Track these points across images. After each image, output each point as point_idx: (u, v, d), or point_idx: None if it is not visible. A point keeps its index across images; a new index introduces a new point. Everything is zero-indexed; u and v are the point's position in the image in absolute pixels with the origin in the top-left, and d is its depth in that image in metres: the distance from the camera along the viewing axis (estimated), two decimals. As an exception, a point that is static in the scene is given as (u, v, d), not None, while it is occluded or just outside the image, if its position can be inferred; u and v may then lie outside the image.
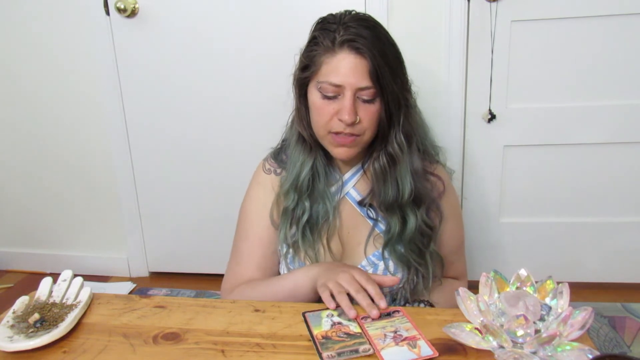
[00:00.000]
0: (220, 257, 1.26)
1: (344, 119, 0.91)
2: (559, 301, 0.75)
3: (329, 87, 0.92)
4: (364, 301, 0.82)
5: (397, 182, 0.98)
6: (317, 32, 0.95)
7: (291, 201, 1.01)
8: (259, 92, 1.72)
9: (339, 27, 0.92)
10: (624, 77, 1.58)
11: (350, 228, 1.04)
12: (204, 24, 1.70)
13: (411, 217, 0.99)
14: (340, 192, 1.04)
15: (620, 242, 1.75)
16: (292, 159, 1.03)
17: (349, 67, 0.90)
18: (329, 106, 0.93)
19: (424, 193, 1.01)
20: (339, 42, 0.91)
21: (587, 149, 1.67)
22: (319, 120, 0.95)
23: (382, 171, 0.99)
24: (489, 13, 1.55)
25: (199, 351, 0.77)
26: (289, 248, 1.03)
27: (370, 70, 0.90)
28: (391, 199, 0.99)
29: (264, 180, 1.08)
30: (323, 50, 0.92)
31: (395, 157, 0.98)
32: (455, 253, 1.13)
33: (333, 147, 0.97)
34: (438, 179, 1.05)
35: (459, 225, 1.13)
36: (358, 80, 0.91)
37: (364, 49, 0.90)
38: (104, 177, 1.95)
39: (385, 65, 0.91)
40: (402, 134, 0.97)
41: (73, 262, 1.98)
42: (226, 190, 1.82)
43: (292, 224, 1.02)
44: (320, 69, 0.93)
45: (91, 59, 1.79)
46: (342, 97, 0.92)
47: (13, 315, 0.84)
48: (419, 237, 1.00)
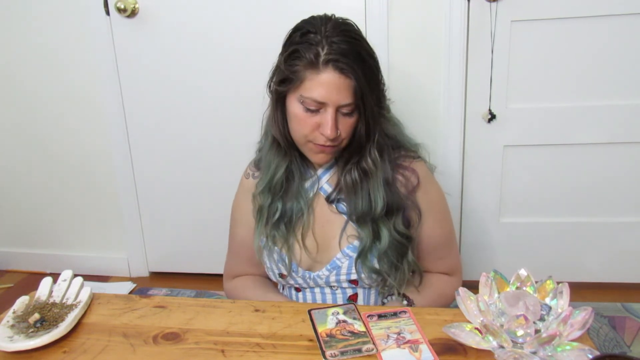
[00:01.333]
0: (220, 257, 1.27)
1: (326, 134, 0.94)
2: (559, 301, 0.75)
3: (312, 103, 0.94)
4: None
5: (369, 195, 1.01)
6: (299, 46, 0.94)
7: (264, 200, 1.05)
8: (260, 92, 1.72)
9: (322, 40, 0.92)
10: (624, 77, 1.58)
11: (324, 222, 1.06)
12: (204, 24, 1.70)
13: (384, 231, 1.00)
14: (315, 187, 1.07)
15: (620, 242, 1.75)
16: (266, 160, 1.06)
17: (333, 86, 0.92)
18: (311, 119, 0.95)
19: (396, 201, 1.02)
20: (323, 60, 0.91)
21: (587, 149, 1.67)
22: (299, 131, 0.98)
23: (353, 184, 1.01)
24: (489, 13, 1.55)
25: (199, 351, 0.77)
26: (265, 243, 1.07)
27: (354, 89, 0.93)
28: (362, 211, 1.01)
29: (245, 185, 1.14)
30: (306, 65, 0.93)
31: (368, 171, 1.01)
32: (444, 248, 1.12)
33: (313, 153, 1.00)
34: (412, 173, 1.04)
35: (442, 219, 1.12)
36: (341, 98, 0.93)
37: (348, 70, 0.91)
38: (104, 177, 1.95)
39: (366, 83, 0.94)
40: (375, 150, 1.00)
41: (73, 262, 1.98)
42: (226, 191, 1.80)
43: (267, 222, 1.06)
44: (303, 84, 0.94)
45: (91, 59, 1.79)
46: (324, 112, 0.94)
47: (13, 315, 0.84)
48: (394, 249, 1.01)
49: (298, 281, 1.08)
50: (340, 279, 1.05)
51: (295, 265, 1.06)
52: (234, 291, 1.18)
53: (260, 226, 1.07)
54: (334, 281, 1.05)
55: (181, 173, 1.88)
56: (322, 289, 1.08)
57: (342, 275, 1.04)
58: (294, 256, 1.05)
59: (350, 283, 1.05)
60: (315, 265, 1.06)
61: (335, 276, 1.04)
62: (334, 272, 1.04)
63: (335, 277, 1.04)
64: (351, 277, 1.04)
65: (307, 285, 1.08)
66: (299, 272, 1.06)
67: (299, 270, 1.06)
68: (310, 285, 1.08)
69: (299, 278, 1.07)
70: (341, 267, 1.03)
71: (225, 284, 1.22)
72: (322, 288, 1.08)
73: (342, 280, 1.05)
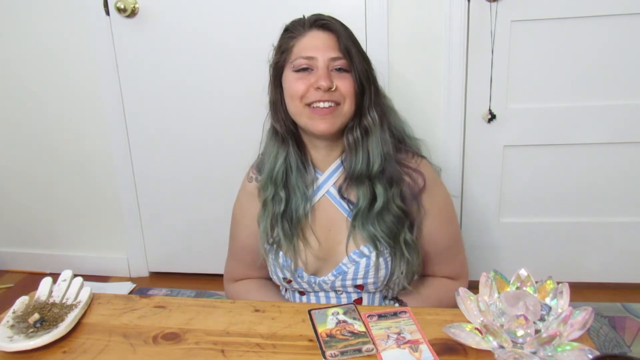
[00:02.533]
0: (220, 257, 1.27)
1: (320, 85, 0.96)
2: (559, 301, 0.75)
3: (302, 61, 0.99)
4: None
5: (368, 153, 1.02)
6: (288, 25, 1.06)
7: (269, 192, 1.06)
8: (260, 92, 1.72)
9: (308, 19, 1.03)
10: (624, 77, 1.58)
11: (331, 227, 1.06)
12: (204, 24, 1.70)
13: (381, 190, 1.01)
14: (320, 191, 1.07)
15: (620, 242, 1.75)
16: (267, 152, 1.08)
17: (319, 41, 0.99)
18: (304, 79, 0.98)
19: (395, 176, 1.03)
20: (308, 24, 1.01)
21: (587, 149, 1.67)
22: (295, 95, 0.99)
23: (355, 142, 1.03)
24: (489, 13, 1.54)
25: (199, 351, 0.77)
26: (271, 247, 1.06)
27: (339, 43, 0.98)
28: (361, 169, 1.02)
29: (248, 189, 1.13)
30: (295, 35, 1.01)
31: (368, 128, 1.02)
32: (448, 251, 1.12)
33: (313, 121, 0.99)
34: (419, 175, 1.05)
35: (448, 222, 1.12)
36: (328, 51, 0.98)
37: (331, 26, 1.01)
38: (104, 177, 1.95)
39: (351, 42, 1.00)
40: (374, 109, 1.03)
41: (73, 262, 1.98)
42: (226, 190, 1.81)
43: (273, 220, 1.06)
44: (292, 51, 1.01)
45: (91, 59, 1.79)
46: (316, 70, 0.98)
47: (13, 315, 0.84)
48: (391, 218, 1.01)
49: (303, 286, 1.07)
50: (346, 284, 1.04)
51: (300, 270, 1.05)
52: (236, 295, 1.17)
53: (266, 224, 1.06)
54: (340, 286, 1.05)
55: (181, 173, 1.88)
56: (326, 293, 1.08)
57: (347, 281, 1.03)
58: (300, 257, 1.04)
59: (356, 288, 1.05)
60: (321, 270, 1.06)
61: (341, 281, 1.04)
62: (340, 277, 1.04)
63: (341, 282, 1.04)
64: (357, 282, 1.03)
65: (312, 290, 1.08)
66: (304, 277, 1.05)
67: (305, 275, 1.05)
68: (315, 290, 1.07)
69: (304, 283, 1.06)
70: (347, 272, 1.03)
71: (227, 287, 1.21)
72: (326, 292, 1.08)
73: (347, 285, 1.04)
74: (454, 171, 1.71)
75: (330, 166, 1.07)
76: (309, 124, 1.00)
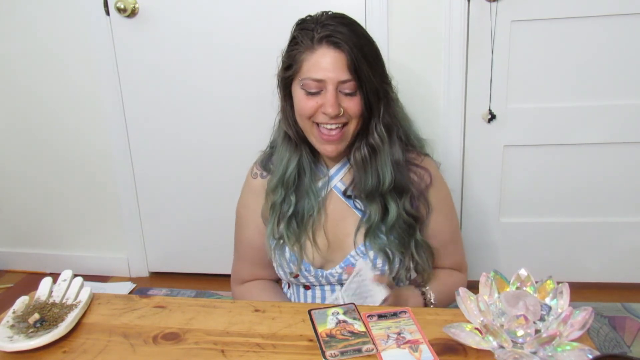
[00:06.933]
0: (220, 257, 1.26)
1: (327, 112, 0.95)
2: (559, 301, 0.75)
3: (312, 83, 0.96)
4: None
5: (377, 171, 1.02)
6: (297, 32, 0.99)
7: (278, 196, 1.05)
8: (260, 92, 1.72)
9: (317, 26, 0.96)
10: (624, 77, 1.58)
11: (338, 220, 1.07)
12: (204, 24, 1.70)
13: (392, 205, 1.02)
14: (327, 186, 1.07)
15: (620, 242, 1.75)
16: (279, 156, 1.07)
17: (328, 62, 0.94)
18: (313, 101, 0.97)
19: (405, 183, 1.03)
20: (317, 39, 0.95)
21: (587, 149, 1.67)
22: (304, 114, 0.99)
23: (362, 161, 1.02)
24: (489, 13, 1.54)
25: (199, 351, 0.77)
26: (277, 242, 1.06)
27: (349, 63, 0.94)
28: (371, 187, 1.01)
29: (252, 185, 1.13)
30: (303, 49, 0.97)
31: (375, 147, 1.01)
32: (452, 243, 1.14)
33: (320, 144, 1.00)
34: (425, 171, 1.07)
35: (450, 216, 1.14)
36: (338, 74, 0.94)
37: (342, 43, 0.94)
38: (104, 177, 1.95)
39: (362, 58, 0.95)
40: (382, 125, 1.01)
41: (73, 262, 1.98)
42: (226, 190, 1.81)
43: (280, 219, 1.06)
44: (301, 67, 0.97)
45: (91, 59, 1.79)
46: (325, 92, 0.96)
47: (13, 315, 0.84)
48: (402, 226, 1.02)
49: (310, 279, 1.07)
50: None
51: (307, 264, 1.05)
52: (242, 297, 1.17)
53: (273, 224, 1.06)
54: (347, 279, 1.05)
55: (181, 173, 1.88)
56: (332, 287, 1.08)
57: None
58: (307, 255, 1.05)
59: None
60: (328, 263, 1.06)
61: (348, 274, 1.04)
62: (347, 269, 1.04)
63: (348, 275, 1.04)
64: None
65: (318, 283, 1.08)
66: (311, 270, 1.06)
67: (312, 269, 1.05)
68: (321, 283, 1.08)
69: (311, 277, 1.06)
70: (355, 264, 1.03)
71: (234, 288, 1.20)
72: (332, 285, 1.08)
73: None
74: (454, 171, 1.71)
75: (337, 163, 1.08)
76: (317, 145, 1.02)
